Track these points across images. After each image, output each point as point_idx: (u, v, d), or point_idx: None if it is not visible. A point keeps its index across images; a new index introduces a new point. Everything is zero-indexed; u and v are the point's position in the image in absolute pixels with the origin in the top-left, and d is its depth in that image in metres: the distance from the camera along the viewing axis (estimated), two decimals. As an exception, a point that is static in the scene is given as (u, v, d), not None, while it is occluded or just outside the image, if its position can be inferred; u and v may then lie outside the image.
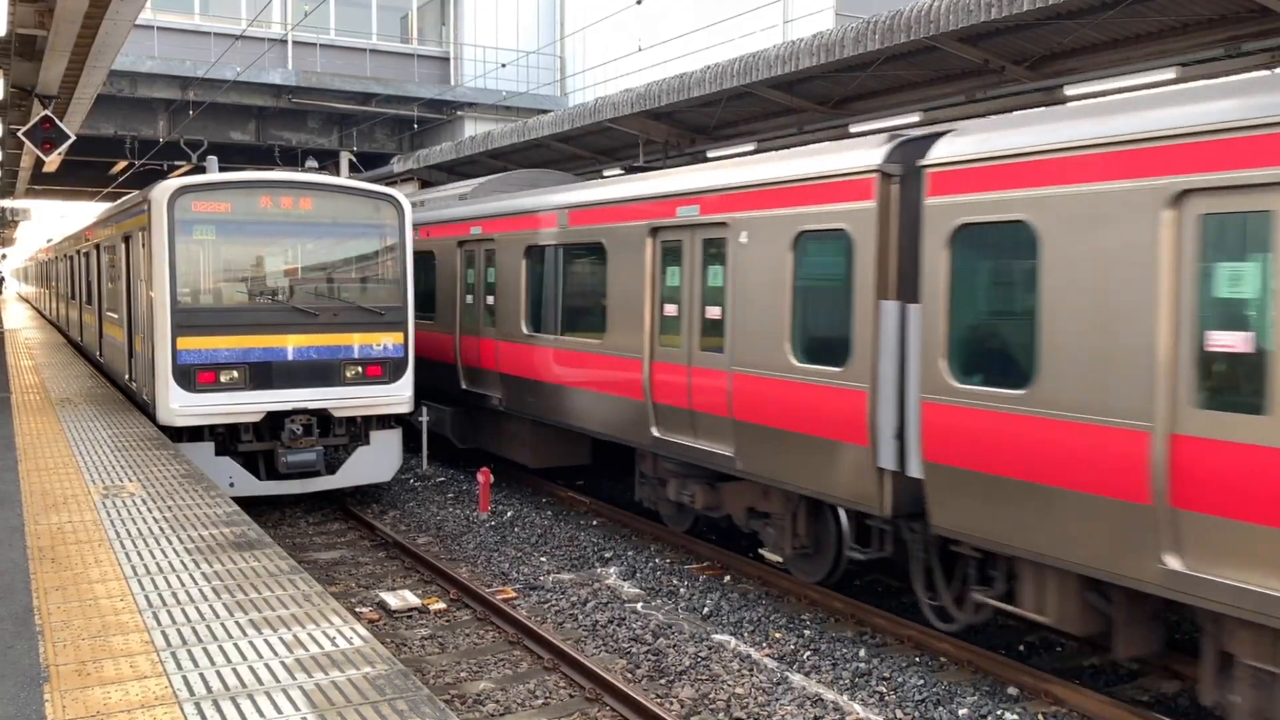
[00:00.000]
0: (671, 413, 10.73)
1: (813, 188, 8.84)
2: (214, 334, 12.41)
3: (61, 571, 6.73)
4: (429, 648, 8.98)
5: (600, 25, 27.43)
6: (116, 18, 10.47)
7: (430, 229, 16.28)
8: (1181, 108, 6.19)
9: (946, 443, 7.57)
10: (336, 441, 13.26)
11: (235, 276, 12.82)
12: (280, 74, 26.96)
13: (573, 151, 20.07)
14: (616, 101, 16.76)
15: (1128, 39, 10.75)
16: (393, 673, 5.11)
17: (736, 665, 8.50)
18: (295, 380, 12.76)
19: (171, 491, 9.13)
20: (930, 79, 12.86)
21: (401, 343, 13.41)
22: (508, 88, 29.40)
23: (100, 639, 5.52)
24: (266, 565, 6.94)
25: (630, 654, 8.79)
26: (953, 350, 7.59)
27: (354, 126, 29.21)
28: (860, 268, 8.32)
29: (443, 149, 23.79)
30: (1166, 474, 6.17)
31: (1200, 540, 6.06)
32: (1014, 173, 7.11)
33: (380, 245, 13.57)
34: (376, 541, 12.46)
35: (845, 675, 8.31)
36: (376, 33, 30.94)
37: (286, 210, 12.97)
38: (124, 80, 25.14)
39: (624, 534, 12.72)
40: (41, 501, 8.66)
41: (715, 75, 14.33)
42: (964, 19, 10.61)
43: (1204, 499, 6.01)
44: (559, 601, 10.14)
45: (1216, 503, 5.95)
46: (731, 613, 9.80)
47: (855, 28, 11.97)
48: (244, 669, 5.14)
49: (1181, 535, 6.15)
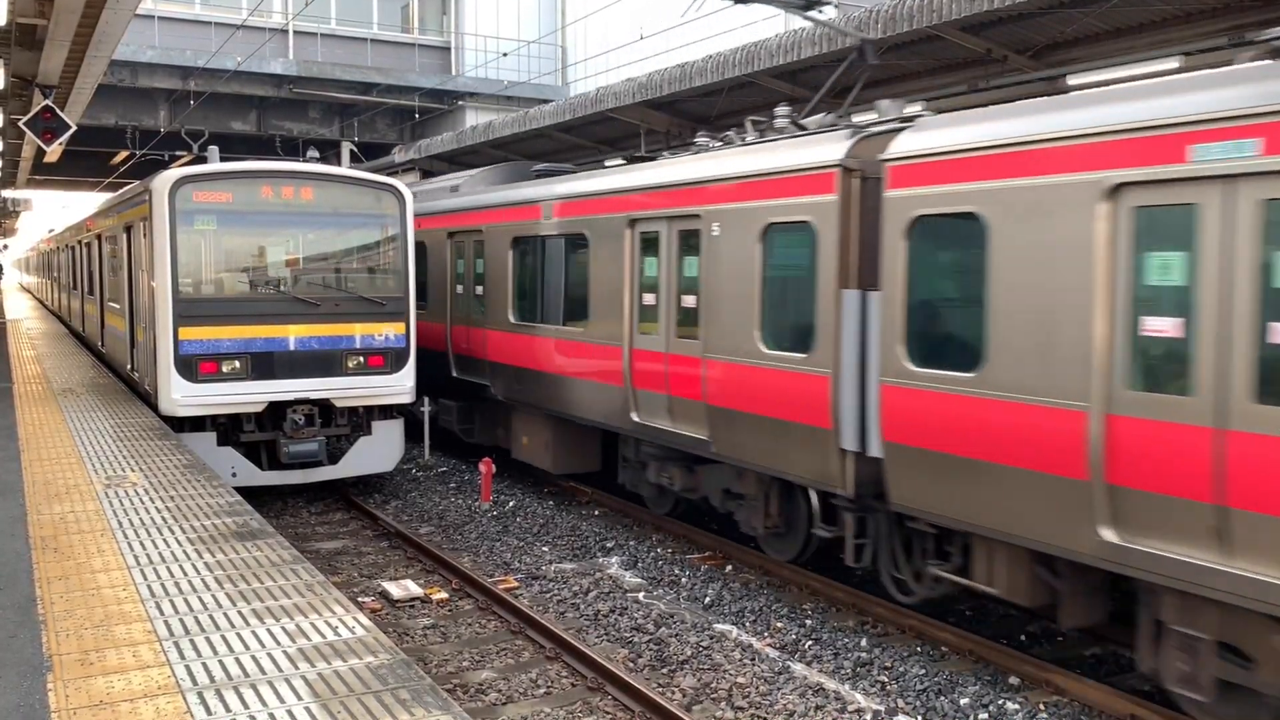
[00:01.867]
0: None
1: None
2: (216, 324, 12.41)
3: (64, 561, 6.74)
4: (431, 637, 9.00)
5: (601, 14, 27.36)
6: (117, 7, 10.45)
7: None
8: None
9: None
10: (338, 432, 13.27)
11: (237, 266, 12.81)
12: (281, 64, 26.91)
13: (574, 141, 20.03)
14: (618, 91, 16.73)
15: (1130, 28, 10.71)
16: (395, 662, 5.12)
17: (738, 655, 8.52)
18: (297, 370, 12.76)
19: (174, 482, 9.14)
20: (933, 68, 12.83)
21: (403, 333, 13.42)
22: (509, 77, 29.34)
23: (103, 629, 5.53)
24: (269, 555, 6.95)
25: (632, 643, 8.81)
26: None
27: (355, 117, 29.16)
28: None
29: (444, 139, 23.76)
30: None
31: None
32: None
33: (382, 235, 13.56)
34: (379, 531, 12.47)
35: (847, 665, 8.33)
36: (377, 22, 30.87)
37: (288, 200, 12.96)
38: (125, 70, 25.10)
39: (625, 524, 12.73)
40: (44, 492, 8.67)
41: (717, 65, 14.30)
42: (966, 8, 10.58)
43: (1135, 475, 6.39)
44: (561, 591, 10.16)
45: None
46: (733, 602, 9.81)
47: (858, 17, 11.93)
48: (246, 658, 5.15)
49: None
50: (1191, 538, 6.09)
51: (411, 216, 13.67)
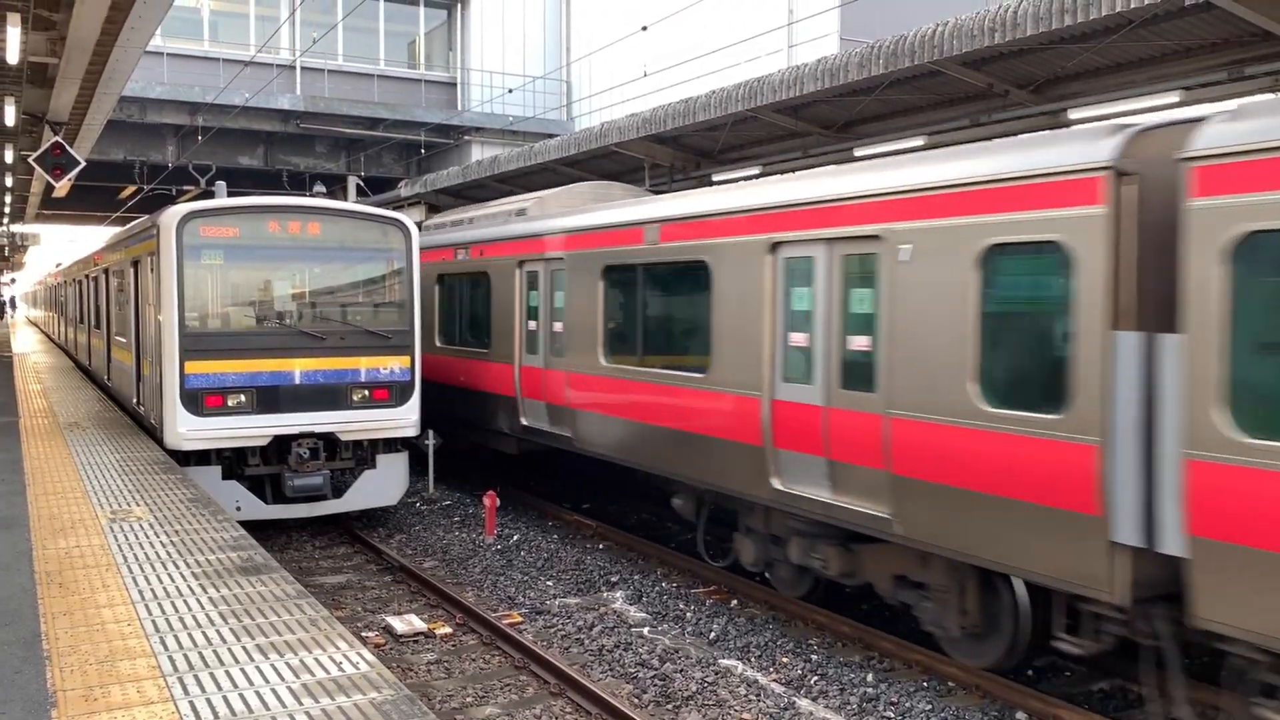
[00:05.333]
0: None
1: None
2: (221, 358, 12.46)
3: (69, 596, 6.73)
4: (435, 672, 8.96)
5: (606, 50, 27.62)
6: (127, 45, 10.59)
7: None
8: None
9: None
10: (343, 465, 13.28)
11: (243, 301, 12.88)
12: (288, 99, 27.16)
13: (579, 175, 20.16)
14: (622, 126, 16.86)
15: (1130, 63, 10.81)
16: (399, 698, 5.10)
17: (744, 690, 8.47)
18: (302, 404, 12.79)
19: (179, 516, 9.14)
20: (934, 103, 12.93)
21: (408, 366, 13.45)
22: (514, 112, 29.57)
23: (107, 664, 5.52)
24: (273, 590, 6.94)
25: (637, 679, 8.76)
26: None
27: (361, 151, 29.38)
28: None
29: (450, 173, 23.91)
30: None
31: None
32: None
33: (387, 269, 13.64)
34: (383, 565, 12.44)
35: (853, 700, 8.27)
36: (384, 58, 31.19)
37: (294, 235, 13.05)
38: (134, 106, 25.34)
39: (630, 557, 12.69)
40: (49, 526, 8.68)
41: (720, 100, 14.41)
42: (967, 43, 10.68)
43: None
44: (565, 626, 10.12)
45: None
46: (738, 637, 9.76)
47: (860, 52, 12.04)
48: (250, 694, 5.13)
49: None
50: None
51: (418, 250, 13.75)
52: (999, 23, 10.37)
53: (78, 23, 9.66)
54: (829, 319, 8.83)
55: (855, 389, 8.52)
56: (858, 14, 20.99)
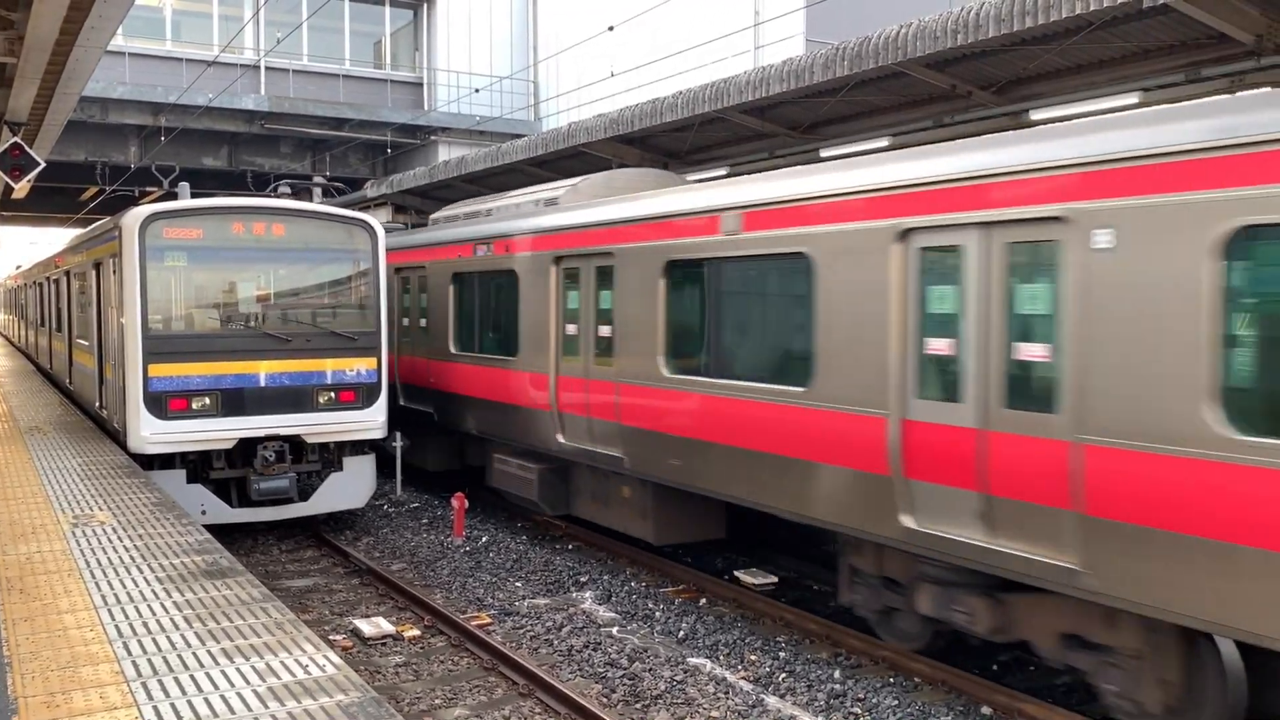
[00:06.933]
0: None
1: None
2: (186, 360, 12.35)
3: (30, 602, 6.65)
4: (403, 675, 8.93)
5: (573, 51, 27.60)
6: (87, 45, 10.45)
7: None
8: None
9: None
10: (309, 468, 13.20)
11: (207, 303, 12.77)
12: (253, 100, 26.93)
13: (546, 176, 20.14)
14: (589, 126, 16.86)
15: (1091, 65, 10.95)
16: (366, 700, 5.09)
17: (712, 688, 8.51)
18: (268, 406, 12.70)
19: (142, 520, 9.05)
20: (899, 104, 13.03)
21: (375, 368, 13.39)
22: (481, 112, 29.48)
23: (69, 670, 5.47)
24: (238, 593, 6.90)
25: (606, 679, 8.77)
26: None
27: (327, 151, 29.19)
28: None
29: (416, 174, 23.81)
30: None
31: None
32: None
33: (353, 270, 13.57)
34: (350, 568, 12.38)
35: (820, 697, 8.33)
36: (349, 58, 30.98)
37: (259, 236, 12.95)
38: (95, 106, 25.03)
39: (599, 558, 12.70)
40: (9, 532, 8.56)
41: (687, 100, 14.45)
42: (930, 45, 10.78)
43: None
44: (534, 627, 10.11)
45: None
46: (707, 635, 9.80)
47: (825, 54, 12.12)
48: (215, 698, 5.10)
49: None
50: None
51: (384, 251, 13.68)
52: (961, 24, 10.47)
53: (37, 22, 9.53)
54: (985, 322, 7.22)
55: (1026, 408, 6.95)
56: (823, 15, 21.11)
